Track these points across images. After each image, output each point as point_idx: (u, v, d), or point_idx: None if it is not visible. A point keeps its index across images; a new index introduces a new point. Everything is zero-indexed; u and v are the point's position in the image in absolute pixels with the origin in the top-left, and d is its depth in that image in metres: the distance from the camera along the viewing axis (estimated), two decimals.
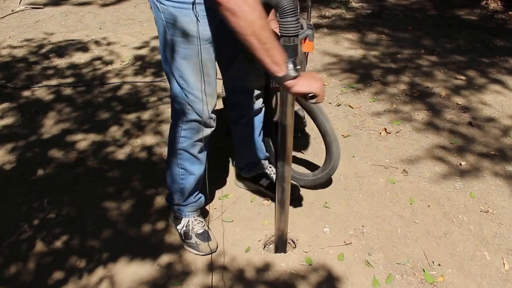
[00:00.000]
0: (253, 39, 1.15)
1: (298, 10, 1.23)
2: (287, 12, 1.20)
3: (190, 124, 1.57)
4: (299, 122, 2.48)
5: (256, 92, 1.83)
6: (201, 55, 1.41)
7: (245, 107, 1.86)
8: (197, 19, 1.33)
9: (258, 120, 1.93)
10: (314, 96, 1.26)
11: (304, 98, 1.27)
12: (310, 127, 2.55)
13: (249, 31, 1.15)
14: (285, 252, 1.77)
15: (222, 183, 2.18)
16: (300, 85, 1.24)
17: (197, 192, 1.79)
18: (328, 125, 1.89)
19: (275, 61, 1.19)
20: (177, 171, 1.70)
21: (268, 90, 1.92)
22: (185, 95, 1.50)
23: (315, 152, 2.41)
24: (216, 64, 1.54)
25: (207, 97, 1.51)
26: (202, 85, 1.47)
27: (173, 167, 1.70)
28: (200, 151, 1.67)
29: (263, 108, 1.94)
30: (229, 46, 1.57)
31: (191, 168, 1.69)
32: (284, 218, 1.69)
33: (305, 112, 2.47)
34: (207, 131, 1.61)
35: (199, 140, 1.62)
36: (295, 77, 1.22)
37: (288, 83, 1.23)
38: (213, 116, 1.58)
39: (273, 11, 1.47)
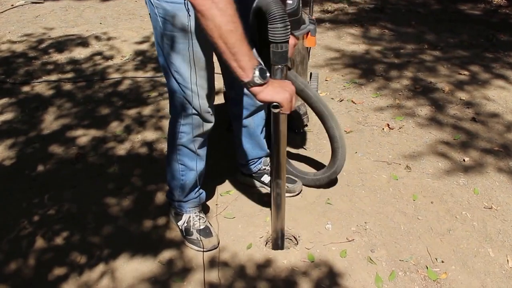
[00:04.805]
0: (220, 42, 1.16)
1: (287, 17, 1.23)
2: (276, 19, 1.21)
3: (189, 119, 1.56)
4: (301, 119, 2.47)
5: None
6: (194, 49, 1.41)
7: (246, 103, 1.84)
8: (189, 14, 1.32)
9: (260, 117, 1.91)
10: (278, 106, 1.26)
11: (268, 106, 1.29)
12: (313, 123, 2.54)
13: (216, 34, 1.15)
14: (282, 249, 1.76)
15: (223, 179, 2.16)
16: (265, 93, 1.24)
17: (197, 188, 1.78)
18: (338, 132, 1.87)
19: (241, 66, 1.19)
20: (177, 167, 1.69)
21: None
22: (182, 90, 1.49)
23: (317, 148, 2.40)
24: (214, 58, 1.52)
25: (204, 92, 1.50)
26: (197, 79, 1.46)
27: (173, 163, 1.69)
28: (200, 147, 1.66)
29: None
30: None
31: (191, 164, 1.68)
32: (281, 220, 1.69)
33: (307, 108, 2.45)
34: (207, 126, 1.60)
35: (199, 136, 1.61)
36: (260, 84, 1.22)
37: (253, 89, 1.24)
38: (210, 110, 1.57)
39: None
